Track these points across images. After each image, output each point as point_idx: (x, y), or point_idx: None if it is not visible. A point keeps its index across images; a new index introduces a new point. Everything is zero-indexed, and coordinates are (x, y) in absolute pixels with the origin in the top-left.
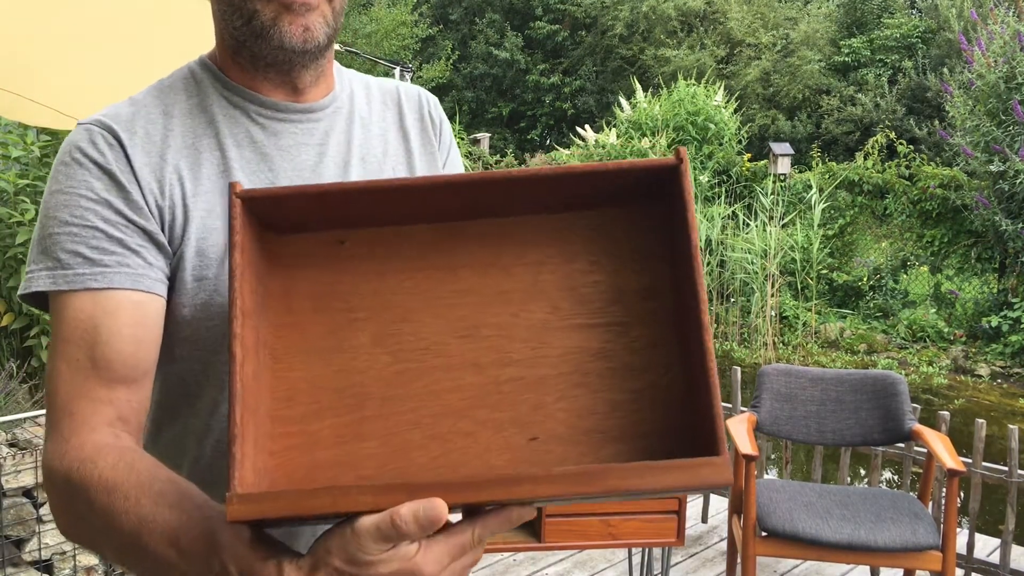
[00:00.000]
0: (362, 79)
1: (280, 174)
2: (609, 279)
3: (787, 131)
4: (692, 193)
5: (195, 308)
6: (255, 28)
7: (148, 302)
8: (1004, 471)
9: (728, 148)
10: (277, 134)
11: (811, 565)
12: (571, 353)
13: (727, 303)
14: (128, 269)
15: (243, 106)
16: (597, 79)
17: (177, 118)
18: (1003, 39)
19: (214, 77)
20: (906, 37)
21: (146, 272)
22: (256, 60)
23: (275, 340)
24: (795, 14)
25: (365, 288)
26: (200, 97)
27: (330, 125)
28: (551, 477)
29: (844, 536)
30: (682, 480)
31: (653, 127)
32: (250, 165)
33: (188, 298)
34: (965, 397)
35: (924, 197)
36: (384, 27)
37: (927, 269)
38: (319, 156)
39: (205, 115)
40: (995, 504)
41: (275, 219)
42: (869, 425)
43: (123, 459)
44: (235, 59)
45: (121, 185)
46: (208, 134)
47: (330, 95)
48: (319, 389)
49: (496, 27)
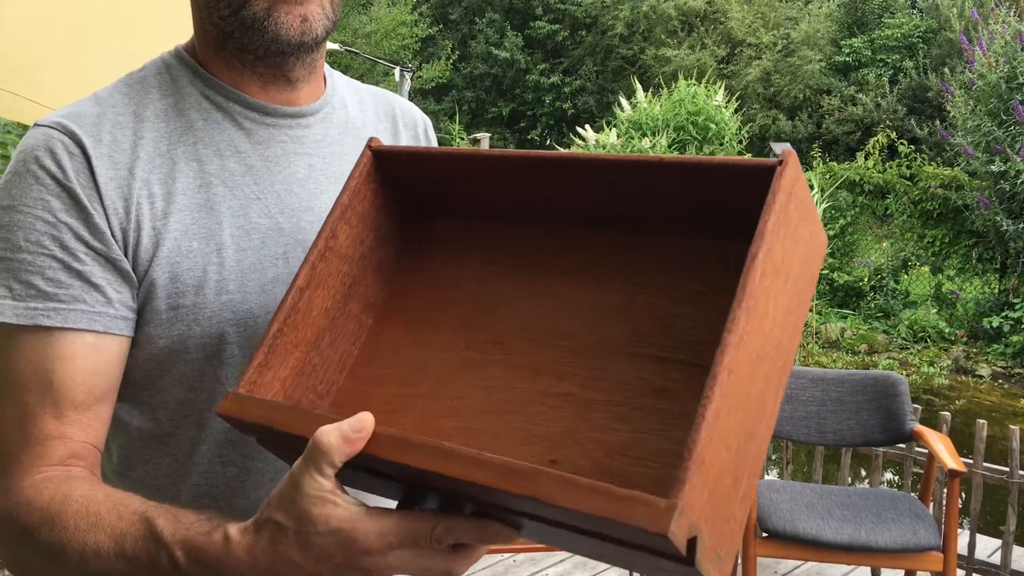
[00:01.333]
0: (351, 84)
1: (267, 188)
2: (706, 316)
3: (788, 131)
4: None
5: (171, 340)
6: (245, 19)
7: (105, 344)
8: (1005, 472)
9: (729, 148)
10: (264, 142)
11: (812, 566)
12: (630, 383)
13: None
14: (84, 306)
15: (226, 107)
16: (597, 79)
17: (149, 121)
18: (1004, 39)
19: (193, 73)
20: (907, 37)
21: (105, 309)
22: (243, 54)
23: (381, 301)
24: (796, 14)
25: (469, 274)
26: (176, 96)
27: (322, 132)
28: (481, 462)
29: (845, 537)
30: (605, 509)
31: (653, 127)
32: (233, 178)
33: (163, 329)
34: (966, 398)
35: (925, 197)
36: (384, 27)
37: (928, 269)
38: (309, 168)
39: (182, 119)
40: (996, 505)
41: (403, 180)
42: (870, 426)
43: (59, 491)
44: (219, 53)
45: (82, 206)
46: (185, 141)
47: (322, 98)
48: (398, 356)
49: (496, 27)
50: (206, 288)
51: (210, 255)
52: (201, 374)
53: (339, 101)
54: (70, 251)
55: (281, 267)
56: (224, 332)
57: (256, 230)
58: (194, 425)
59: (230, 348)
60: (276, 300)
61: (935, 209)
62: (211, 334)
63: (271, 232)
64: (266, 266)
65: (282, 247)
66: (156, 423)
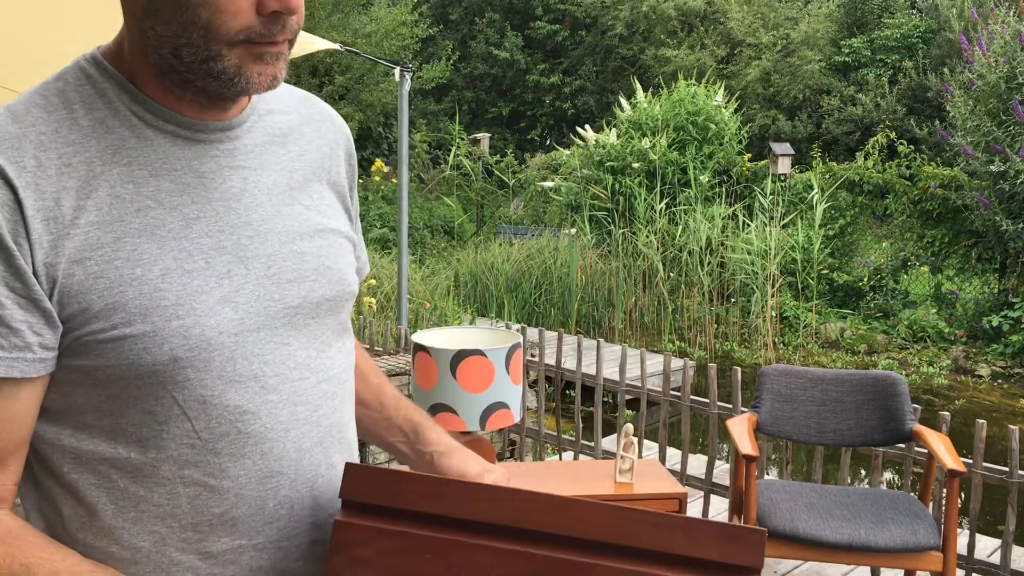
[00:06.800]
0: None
1: (205, 206)
2: None
3: (787, 131)
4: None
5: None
6: (212, 70)
7: (22, 390)
8: (1005, 472)
9: (728, 148)
10: (197, 157)
11: (811, 566)
12: None
13: (727, 303)
14: (3, 353)
15: (158, 125)
16: (597, 79)
17: (76, 142)
18: (1004, 39)
19: (119, 86)
20: (906, 37)
21: (22, 354)
22: (188, 87)
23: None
24: (795, 14)
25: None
26: (104, 111)
27: (251, 142)
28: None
29: (844, 537)
30: None
31: (653, 127)
32: (171, 198)
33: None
34: (966, 397)
35: (925, 197)
36: (384, 27)
37: (928, 269)
38: (243, 181)
39: (110, 136)
40: (996, 505)
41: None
42: (870, 425)
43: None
44: (158, 78)
45: (4, 246)
46: (118, 161)
47: (248, 107)
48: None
49: (496, 27)
50: (153, 315)
51: (155, 281)
52: (156, 398)
53: (264, 107)
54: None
55: (227, 286)
56: (178, 357)
57: (199, 250)
58: (152, 447)
59: (185, 372)
60: (226, 320)
61: (935, 209)
62: (163, 361)
63: (213, 252)
64: (212, 287)
65: (226, 266)
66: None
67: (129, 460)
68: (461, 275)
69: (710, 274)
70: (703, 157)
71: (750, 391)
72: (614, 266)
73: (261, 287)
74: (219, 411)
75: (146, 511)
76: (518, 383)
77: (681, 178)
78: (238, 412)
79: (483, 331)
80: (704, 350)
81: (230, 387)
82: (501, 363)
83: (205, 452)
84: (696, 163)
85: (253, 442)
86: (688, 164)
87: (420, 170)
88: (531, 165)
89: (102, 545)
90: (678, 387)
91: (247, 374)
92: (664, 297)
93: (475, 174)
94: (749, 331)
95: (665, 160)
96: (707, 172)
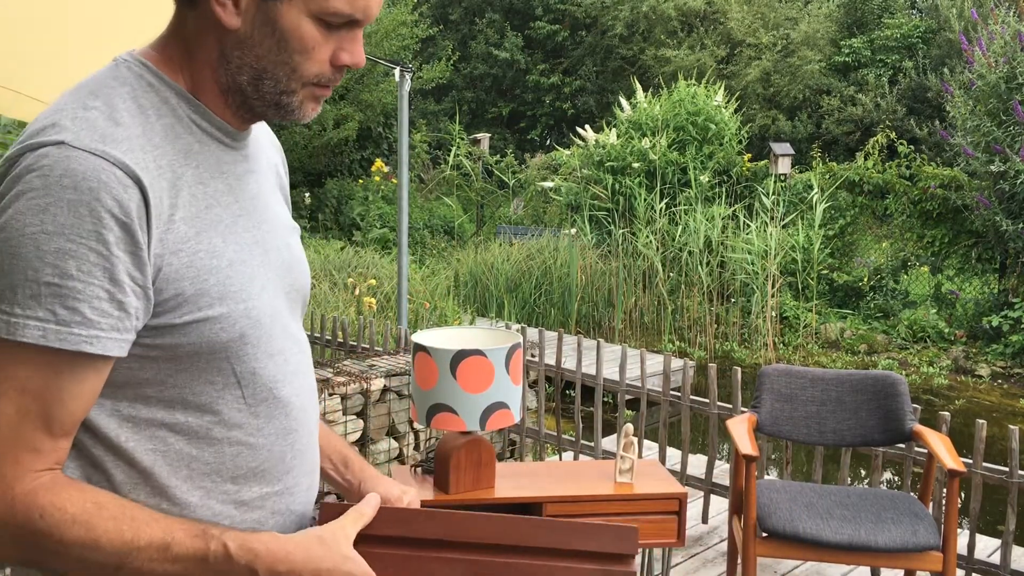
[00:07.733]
0: None
1: (244, 205)
2: None
3: (787, 131)
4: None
5: (196, 346)
6: (280, 102)
7: (108, 366)
8: (1005, 472)
9: (728, 148)
10: (232, 162)
11: (811, 566)
12: None
13: (727, 303)
14: (117, 335)
15: (211, 133)
16: (597, 79)
17: (159, 145)
18: (1004, 39)
19: (178, 96)
20: (906, 37)
21: (129, 336)
22: (246, 106)
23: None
24: (795, 14)
25: None
26: (171, 118)
27: (255, 150)
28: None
29: (844, 537)
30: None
31: (653, 127)
32: (224, 197)
33: (190, 337)
34: (966, 397)
35: (925, 197)
36: (384, 27)
37: (928, 269)
38: (258, 184)
39: (180, 141)
40: (996, 505)
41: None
42: (869, 425)
43: (87, 499)
44: (222, 95)
45: (135, 241)
46: (189, 164)
47: None
48: None
49: (496, 27)
50: (228, 300)
51: (226, 270)
52: (219, 370)
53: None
54: (118, 283)
55: (263, 275)
56: (244, 334)
57: (245, 244)
58: (209, 412)
59: (246, 348)
60: (266, 303)
61: (935, 209)
62: (234, 338)
63: (253, 245)
64: (257, 275)
65: (260, 256)
66: (171, 415)
67: (187, 424)
68: (461, 275)
69: (710, 274)
70: (703, 157)
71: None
72: (614, 266)
73: (277, 275)
74: (262, 380)
75: (196, 469)
76: (518, 383)
77: (681, 178)
78: (273, 380)
79: (483, 331)
80: (704, 350)
81: (269, 360)
82: (501, 363)
83: (248, 415)
84: (696, 163)
85: (280, 405)
86: (688, 164)
87: (420, 170)
88: (531, 165)
89: (154, 503)
90: (678, 387)
91: (276, 349)
92: (664, 297)
93: (475, 174)
94: (749, 331)
95: (665, 160)
96: (707, 172)
